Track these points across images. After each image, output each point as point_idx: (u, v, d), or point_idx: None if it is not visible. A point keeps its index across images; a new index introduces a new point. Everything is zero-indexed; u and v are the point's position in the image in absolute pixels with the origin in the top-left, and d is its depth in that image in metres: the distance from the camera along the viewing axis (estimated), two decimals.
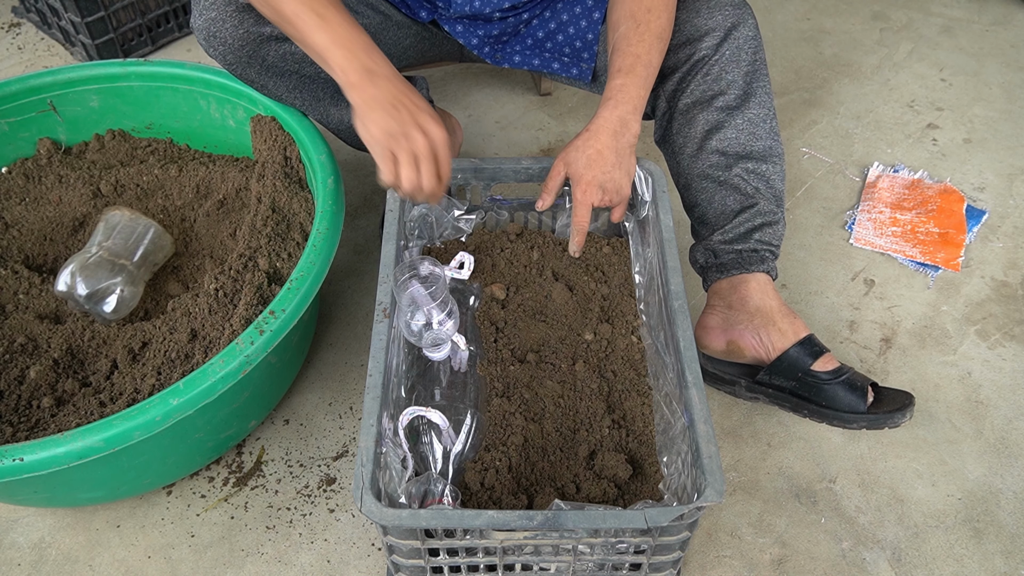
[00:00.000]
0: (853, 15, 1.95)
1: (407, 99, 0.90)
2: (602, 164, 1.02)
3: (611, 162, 1.03)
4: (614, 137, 1.02)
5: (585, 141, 1.03)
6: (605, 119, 1.03)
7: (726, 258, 1.12)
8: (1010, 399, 1.19)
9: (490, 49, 1.24)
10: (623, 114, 1.02)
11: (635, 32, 1.03)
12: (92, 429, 0.86)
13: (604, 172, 1.03)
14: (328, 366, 1.25)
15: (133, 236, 1.15)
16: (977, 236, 1.42)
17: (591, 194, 1.04)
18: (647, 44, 1.03)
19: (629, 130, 1.03)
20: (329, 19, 0.90)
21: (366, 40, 0.91)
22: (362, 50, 0.90)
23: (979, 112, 1.67)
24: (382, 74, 0.91)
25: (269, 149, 1.21)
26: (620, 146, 1.03)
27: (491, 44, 1.23)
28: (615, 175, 1.04)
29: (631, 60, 1.02)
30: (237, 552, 1.04)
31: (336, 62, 0.90)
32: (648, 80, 1.03)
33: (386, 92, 0.90)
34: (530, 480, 0.95)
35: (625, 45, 1.03)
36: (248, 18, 1.06)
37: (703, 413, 0.85)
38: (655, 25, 1.03)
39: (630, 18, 1.03)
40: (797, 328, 1.09)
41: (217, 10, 1.05)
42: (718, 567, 1.02)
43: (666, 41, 1.05)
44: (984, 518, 1.07)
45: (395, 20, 1.22)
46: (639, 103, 1.03)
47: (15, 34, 1.95)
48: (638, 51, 1.02)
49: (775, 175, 1.11)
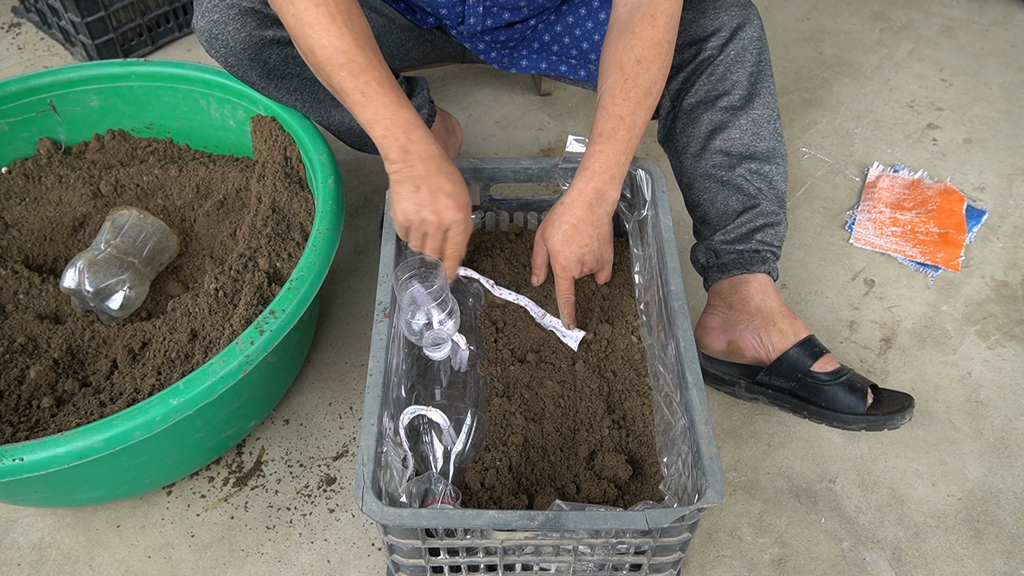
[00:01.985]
0: (853, 15, 1.95)
1: (434, 180, 0.94)
2: (579, 238, 1.01)
3: (587, 234, 1.01)
4: (589, 209, 1.00)
5: (560, 216, 1.01)
6: (580, 191, 1.00)
7: (727, 258, 1.12)
8: (1010, 399, 1.19)
9: (497, 55, 1.24)
10: (599, 184, 0.99)
11: (621, 88, 0.98)
12: (92, 429, 0.86)
13: (582, 246, 1.02)
14: (328, 366, 1.25)
15: (141, 235, 1.16)
16: (977, 236, 1.42)
17: (570, 268, 1.03)
18: (632, 102, 0.98)
19: (606, 200, 1.00)
20: (372, 97, 0.92)
21: (407, 118, 0.93)
22: (402, 129, 0.93)
23: (979, 112, 1.67)
24: (417, 154, 0.93)
25: (269, 149, 1.21)
26: (596, 218, 1.01)
27: (498, 50, 1.24)
28: (593, 246, 1.03)
29: (613, 123, 0.98)
30: (237, 552, 1.04)
31: (376, 139, 0.94)
32: (631, 143, 0.99)
33: (416, 172, 0.94)
34: (530, 480, 0.95)
35: (610, 103, 0.99)
36: (251, 21, 1.06)
37: (703, 414, 0.85)
38: (643, 79, 0.98)
39: (618, 70, 0.99)
40: (797, 329, 1.09)
41: (220, 12, 1.05)
42: (718, 567, 1.02)
43: (656, 95, 1.00)
44: (984, 518, 1.07)
45: (399, 24, 1.22)
46: (618, 170, 1.00)
47: (15, 34, 1.95)
48: (622, 112, 0.98)
49: (778, 176, 1.11)
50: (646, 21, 0.98)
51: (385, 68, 0.93)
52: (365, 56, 0.91)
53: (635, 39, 0.98)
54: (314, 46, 0.92)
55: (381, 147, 0.95)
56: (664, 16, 0.98)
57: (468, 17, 1.17)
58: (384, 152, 0.95)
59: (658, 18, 0.98)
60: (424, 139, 0.94)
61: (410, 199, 0.95)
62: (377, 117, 0.93)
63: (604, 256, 1.06)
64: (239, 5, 1.05)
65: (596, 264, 1.05)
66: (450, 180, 0.95)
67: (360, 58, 0.91)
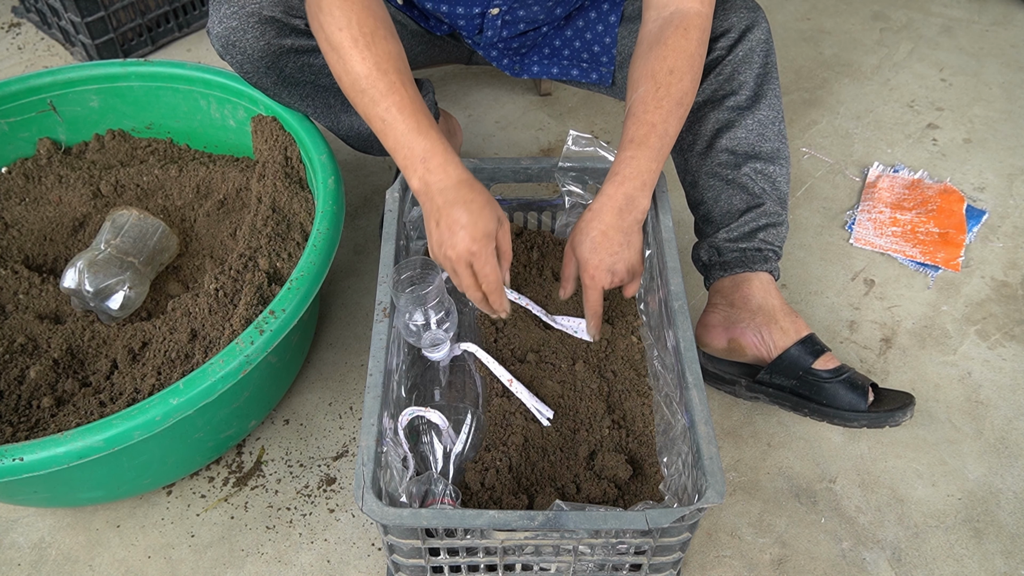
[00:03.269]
0: (853, 15, 1.95)
1: (447, 214, 0.91)
2: (608, 246, 0.97)
3: (618, 242, 0.97)
4: (619, 215, 0.96)
5: (588, 222, 0.98)
6: (609, 196, 0.97)
7: (730, 256, 1.12)
8: (1010, 399, 1.19)
9: (509, 61, 1.24)
10: (629, 191, 0.96)
11: (653, 96, 0.96)
12: (92, 429, 0.86)
13: (612, 254, 0.97)
14: (328, 366, 1.25)
15: (141, 235, 1.16)
16: (977, 236, 1.42)
17: (600, 278, 0.99)
18: (664, 111, 0.96)
19: (636, 207, 0.97)
20: (391, 124, 0.91)
21: (424, 146, 0.91)
22: (419, 159, 0.91)
23: (979, 112, 1.67)
24: (434, 184, 0.92)
25: (270, 149, 1.21)
26: (626, 225, 0.97)
27: (510, 56, 1.24)
28: (624, 255, 0.98)
29: (645, 130, 0.96)
30: (237, 552, 1.04)
31: (400, 166, 0.94)
32: (662, 151, 0.96)
33: (434, 205, 0.92)
34: (530, 480, 0.95)
35: (641, 111, 0.96)
36: (270, 30, 1.05)
37: (703, 414, 0.85)
38: (676, 89, 0.96)
39: (650, 79, 0.97)
40: (798, 327, 1.09)
41: (239, 20, 1.04)
42: (718, 567, 1.02)
43: (687, 106, 0.98)
44: (984, 518, 1.07)
45: (410, 29, 1.22)
46: (649, 177, 0.96)
47: (15, 34, 1.95)
48: (654, 119, 0.95)
49: (781, 177, 1.11)
50: (679, 34, 0.97)
51: (408, 91, 0.91)
52: (387, 81, 0.90)
53: (668, 50, 0.97)
54: (340, 72, 0.92)
55: (405, 176, 0.94)
56: (696, 31, 0.98)
57: (486, 30, 1.17)
58: (408, 181, 0.94)
59: (691, 32, 0.97)
60: (442, 167, 0.91)
61: (433, 236, 0.94)
62: (397, 145, 0.92)
63: (636, 267, 1.01)
64: (259, 13, 1.04)
65: (627, 275, 1.00)
66: (466, 210, 0.90)
67: (381, 83, 0.90)
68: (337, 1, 0.91)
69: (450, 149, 0.93)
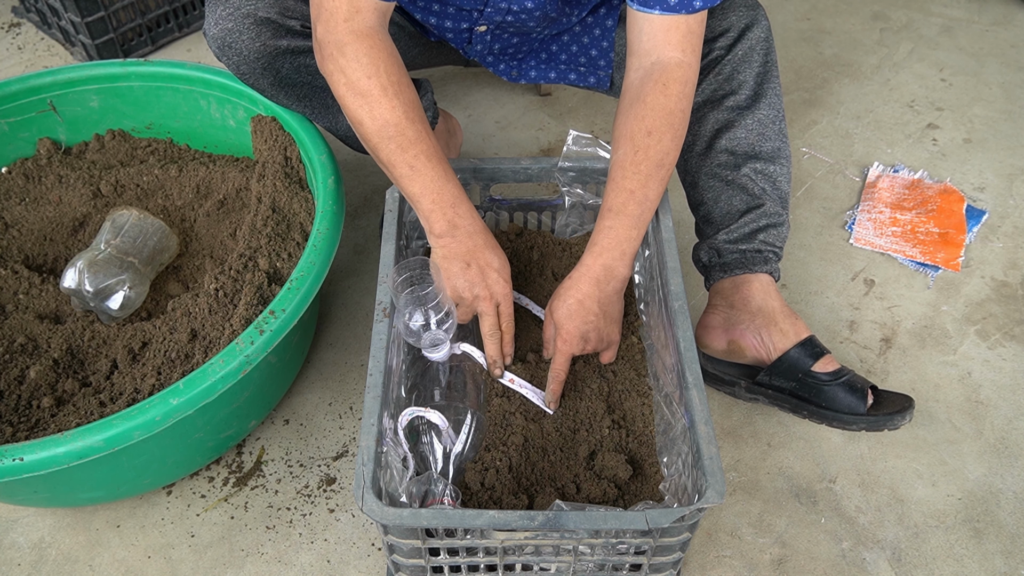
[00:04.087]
0: (853, 15, 1.95)
1: (482, 256, 0.96)
2: (583, 314, 0.97)
3: (594, 312, 0.97)
4: (597, 286, 0.97)
5: (566, 290, 0.98)
6: (588, 267, 0.97)
7: (730, 257, 1.12)
8: (1010, 399, 1.19)
9: (506, 67, 1.24)
10: (607, 261, 0.96)
11: (631, 160, 0.95)
12: (92, 429, 0.86)
13: (586, 323, 0.97)
14: (328, 366, 1.25)
15: (141, 235, 1.16)
16: (977, 236, 1.42)
17: (572, 344, 0.98)
18: (643, 175, 0.95)
19: (615, 277, 0.97)
20: (420, 171, 0.93)
21: (454, 192, 0.95)
22: (449, 204, 0.94)
23: (979, 112, 1.67)
24: (464, 228, 0.95)
25: (269, 149, 1.21)
26: (604, 295, 0.97)
27: (506, 62, 1.24)
28: (599, 324, 0.98)
29: (623, 197, 0.95)
30: (237, 552, 1.04)
31: (423, 212, 0.95)
32: (641, 218, 0.96)
33: (464, 247, 0.96)
34: (530, 480, 0.95)
35: (620, 176, 0.96)
36: (265, 31, 1.05)
37: (704, 414, 0.85)
38: (655, 151, 0.95)
39: (628, 141, 0.96)
40: (798, 329, 1.09)
41: (235, 21, 1.04)
42: (718, 567, 1.02)
43: (669, 167, 0.96)
44: (984, 518, 1.07)
45: (408, 31, 1.22)
46: (628, 246, 0.96)
47: (15, 34, 1.95)
48: (632, 185, 0.95)
49: (782, 177, 1.11)
50: (658, 90, 0.95)
51: (432, 139, 0.94)
52: (415, 129, 0.92)
53: (646, 109, 0.95)
54: (364, 118, 0.92)
55: (427, 220, 0.95)
56: (677, 84, 0.95)
57: (475, 43, 1.17)
58: (429, 225, 0.96)
59: (670, 87, 0.95)
60: (470, 213, 0.96)
61: (461, 276, 0.96)
62: (424, 191, 0.93)
63: (610, 336, 1.01)
64: (255, 15, 1.04)
65: (600, 343, 1.01)
66: (496, 255, 0.97)
67: (410, 131, 0.92)
68: (364, 48, 0.91)
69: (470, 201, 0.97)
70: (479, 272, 0.96)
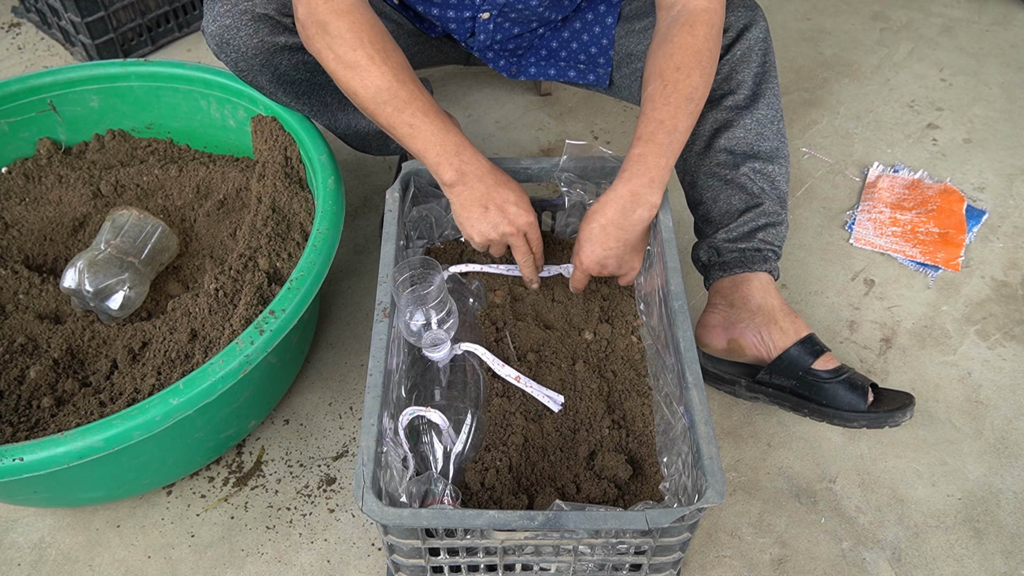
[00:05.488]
0: (853, 15, 1.95)
1: (497, 195, 0.98)
2: (604, 240, 1.00)
3: (615, 237, 0.99)
4: (622, 213, 0.98)
5: (592, 213, 1.00)
6: (616, 193, 0.98)
7: (729, 256, 1.12)
8: (1010, 399, 1.19)
9: (506, 63, 1.24)
10: (636, 188, 0.97)
11: (661, 93, 0.97)
12: (92, 429, 0.86)
13: (606, 248, 1.00)
14: (328, 366, 1.25)
15: (141, 235, 1.16)
16: (977, 236, 1.42)
17: (588, 266, 1.03)
18: (672, 107, 0.96)
19: (642, 204, 0.98)
20: (419, 127, 0.95)
21: (456, 140, 0.97)
22: (453, 152, 0.96)
23: (979, 112, 1.67)
24: (472, 173, 0.97)
25: (269, 149, 1.21)
26: (629, 222, 0.98)
27: (507, 58, 1.24)
28: (618, 252, 1.01)
29: (653, 127, 0.97)
30: (237, 552, 1.04)
31: (431, 165, 0.98)
32: (671, 148, 0.97)
33: (477, 192, 0.98)
34: (530, 480, 0.95)
35: (650, 109, 0.98)
36: (263, 27, 1.05)
37: (704, 414, 0.85)
38: (684, 85, 0.97)
39: (658, 77, 0.98)
40: (798, 327, 1.09)
41: (232, 18, 1.05)
42: (718, 567, 1.02)
43: (698, 101, 0.98)
44: (984, 518, 1.07)
45: (407, 29, 1.22)
46: (658, 173, 0.97)
47: (15, 34, 1.95)
48: (662, 116, 0.97)
49: (780, 176, 1.11)
50: (684, 31, 0.98)
51: (427, 96, 0.97)
52: (407, 89, 0.95)
53: (674, 47, 0.98)
54: (357, 87, 0.95)
55: (436, 172, 0.98)
56: (703, 26, 0.98)
57: (478, 33, 1.17)
58: (440, 176, 0.98)
59: (697, 28, 0.98)
60: (475, 157, 0.98)
61: (483, 220, 0.99)
62: (428, 145, 0.96)
63: (630, 263, 1.04)
64: (252, 11, 1.04)
65: (618, 269, 1.04)
66: (510, 190, 0.99)
67: (403, 92, 0.95)
68: (345, 24, 0.94)
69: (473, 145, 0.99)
70: (499, 211, 0.99)
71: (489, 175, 0.98)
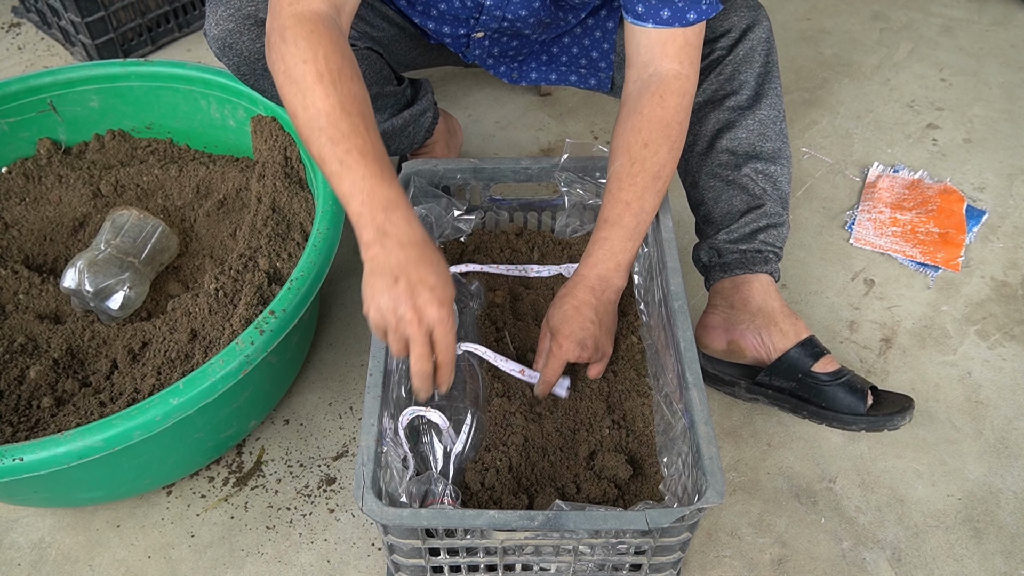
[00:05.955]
0: (853, 15, 1.95)
1: (414, 271, 0.79)
2: (580, 320, 0.96)
3: (590, 318, 0.97)
4: (592, 294, 0.97)
5: (562, 297, 0.99)
6: (583, 276, 0.98)
7: (730, 257, 1.12)
8: (1010, 399, 1.19)
9: (506, 69, 1.24)
10: (603, 272, 0.97)
11: (628, 172, 0.95)
12: (92, 429, 0.86)
13: (583, 328, 0.97)
14: (328, 366, 1.25)
15: (141, 235, 1.16)
16: (977, 236, 1.42)
17: (567, 349, 0.96)
18: (639, 187, 0.95)
19: (610, 287, 0.98)
20: (351, 168, 0.81)
21: (388, 195, 0.81)
22: (380, 207, 0.81)
23: (979, 112, 1.67)
24: (395, 237, 0.80)
25: (269, 149, 1.21)
26: (600, 303, 0.98)
27: (507, 64, 1.24)
28: (595, 332, 0.98)
29: (619, 209, 0.96)
30: (237, 552, 1.04)
31: (352, 216, 0.83)
32: (637, 229, 0.96)
33: (393, 260, 0.80)
34: (530, 480, 0.95)
35: (616, 188, 0.96)
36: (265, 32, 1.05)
37: (704, 414, 0.85)
38: (651, 163, 0.95)
39: (625, 153, 0.96)
40: (798, 329, 1.09)
41: (236, 22, 1.05)
42: (718, 567, 1.02)
43: (665, 178, 0.97)
44: (984, 518, 1.07)
45: (409, 32, 1.22)
46: (624, 257, 0.97)
47: (15, 34, 1.95)
48: (628, 197, 0.95)
49: (782, 177, 1.11)
50: (655, 102, 0.95)
51: (372, 137, 0.82)
52: (350, 122, 0.81)
53: (643, 120, 0.95)
54: (296, 106, 0.83)
55: (356, 226, 0.82)
56: (674, 96, 0.95)
57: (474, 48, 1.17)
58: (358, 233, 0.82)
59: (667, 98, 0.95)
60: (405, 220, 0.81)
61: (385, 292, 0.79)
62: (354, 191, 0.81)
63: (604, 347, 1.01)
64: (255, 16, 1.05)
65: (595, 352, 0.99)
66: (433, 270, 0.80)
67: (344, 124, 0.81)
68: (303, 32, 0.83)
69: (411, 206, 0.84)
70: (408, 289, 0.79)
71: (415, 246, 0.80)
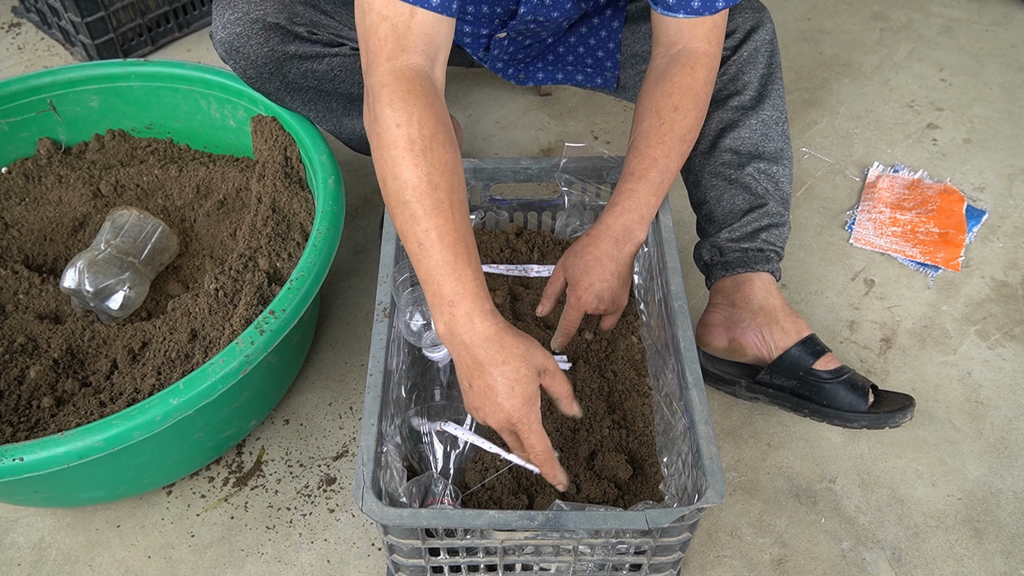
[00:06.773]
0: (853, 15, 1.95)
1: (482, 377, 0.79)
2: (600, 271, 0.97)
3: (610, 270, 0.97)
4: (615, 245, 0.97)
5: (584, 247, 0.98)
6: (608, 226, 0.97)
7: (732, 256, 1.12)
8: (1010, 399, 1.19)
9: (514, 70, 1.24)
10: (628, 223, 0.97)
11: (656, 131, 0.97)
12: (92, 429, 0.86)
13: (602, 280, 0.97)
14: (328, 366, 1.25)
15: (141, 235, 1.16)
16: (977, 236, 1.42)
17: (586, 300, 0.98)
18: (667, 147, 0.96)
19: (632, 239, 0.97)
20: (427, 251, 0.79)
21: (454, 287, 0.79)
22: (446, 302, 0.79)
23: (979, 112, 1.67)
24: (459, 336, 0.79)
25: (269, 149, 1.22)
26: (621, 255, 0.97)
27: (515, 66, 1.24)
28: (613, 284, 0.98)
29: (646, 163, 0.96)
30: (237, 552, 1.04)
31: (427, 298, 0.82)
32: (662, 186, 0.97)
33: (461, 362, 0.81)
34: (530, 480, 0.95)
35: (644, 145, 0.97)
36: (274, 36, 1.05)
37: (704, 414, 0.85)
38: (679, 125, 0.97)
39: (654, 114, 0.97)
40: (799, 327, 1.09)
41: (243, 26, 1.05)
42: (718, 567, 1.02)
43: (690, 143, 0.98)
44: (984, 518, 1.07)
45: None
46: (647, 211, 0.97)
47: (15, 34, 1.95)
48: (656, 154, 0.96)
49: (784, 177, 1.11)
50: (685, 72, 0.97)
51: (455, 214, 0.79)
52: (435, 197, 0.78)
53: (673, 87, 0.97)
54: (386, 175, 0.80)
55: (431, 307, 0.82)
56: (703, 70, 0.98)
57: (493, 48, 1.17)
58: (433, 319, 0.82)
59: (697, 70, 0.97)
60: (468, 316, 0.79)
61: (467, 397, 0.83)
62: (427, 280, 0.80)
63: (620, 299, 1.01)
64: (264, 20, 1.05)
65: (612, 305, 1.00)
66: (500, 374, 0.79)
67: (428, 199, 0.78)
68: (400, 93, 0.80)
69: (482, 293, 0.80)
70: (482, 395, 0.80)
71: (480, 347, 0.79)
